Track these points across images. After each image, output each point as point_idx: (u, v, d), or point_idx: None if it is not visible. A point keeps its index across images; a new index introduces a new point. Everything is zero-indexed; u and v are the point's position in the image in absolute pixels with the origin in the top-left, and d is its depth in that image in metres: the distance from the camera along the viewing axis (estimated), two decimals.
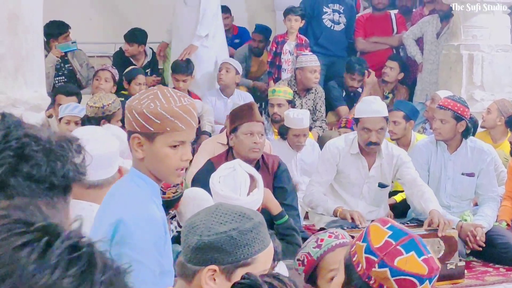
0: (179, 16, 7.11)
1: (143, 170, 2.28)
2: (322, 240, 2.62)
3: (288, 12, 7.30)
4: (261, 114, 6.27)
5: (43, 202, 1.25)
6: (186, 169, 4.80)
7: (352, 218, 4.53)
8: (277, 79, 7.26)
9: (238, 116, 4.37)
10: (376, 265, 1.82)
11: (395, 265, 1.81)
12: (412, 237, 1.88)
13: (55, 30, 7.07)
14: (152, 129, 2.21)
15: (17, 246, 0.94)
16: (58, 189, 1.31)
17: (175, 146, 2.23)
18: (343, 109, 7.10)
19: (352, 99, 7.16)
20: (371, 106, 4.76)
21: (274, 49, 7.31)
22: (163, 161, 2.24)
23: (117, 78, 6.66)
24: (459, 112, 4.92)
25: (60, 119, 5.34)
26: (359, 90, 7.19)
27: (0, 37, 3.67)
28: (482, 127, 5.97)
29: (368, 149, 4.77)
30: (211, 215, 1.91)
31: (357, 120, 4.82)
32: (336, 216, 4.66)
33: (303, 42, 7.30)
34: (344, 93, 7.21)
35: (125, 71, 6.81)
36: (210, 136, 6.18)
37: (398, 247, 1.84)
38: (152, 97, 2.23)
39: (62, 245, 0.96)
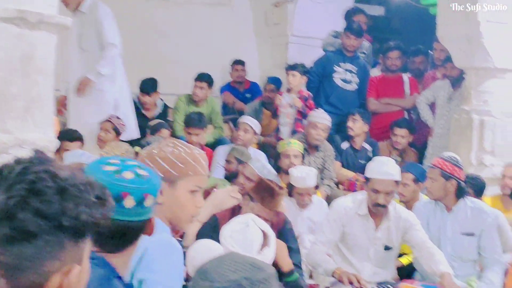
0: (74, 62, 6.87)
1: (160, 216, 2.33)
2: None
3: (288, 68, 7.42)
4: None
5: (52, 241, 1.26)
6: None
7: (350, 282, 4.40)
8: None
9: (260, 198, 4.16)
10: None
11: None
12: None
13: None
14: (176, 173, 2.32)
15: None
16: (68, 230, 1.28)
17: (193, 192, 2.35)
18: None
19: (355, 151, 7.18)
20: (383, 167, 4.68)
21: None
22: (183, 206, 2.35)
23: (121, 128, 6.68)
24: (447, 170, 4.90)
25: None
26: (366, 147, 7.20)
27: (12, 78, 3.68)
28: (505, 194, 6.00)
29: (375, 209, 4.72)
30: (224, 262, 1.89)
31: (368, 179, 4.77)
32: (334, 277, 4.55)
33: (306, 95, 7.36)
34: (349, 145, 7.22)
35: (151, 125, 6.92)
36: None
37: None
38: (172, 145, 2.39)
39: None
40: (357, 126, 7.13)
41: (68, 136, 6.06)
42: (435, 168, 4.95)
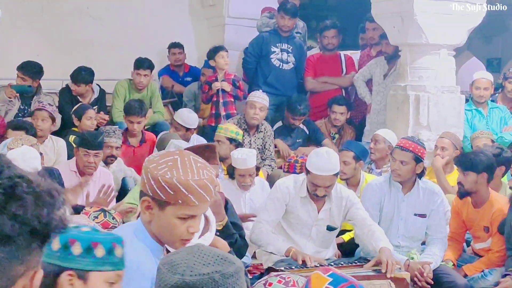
0: None
1: (148, 229, 2.29)
2: (270, 284, 2.57)
3: (219, 49, 7.37)
4: None
5: (22, 245, 1.26)
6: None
7: (303, 261, 4.46)
8: (216, 115, 7.30)
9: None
10: None
11: None
12: (352, 283, 1.89)
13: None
14: (164, 197, 2.19)
15: None
16: (38, 236, 1.29)
17: (184, 218, 2.23)
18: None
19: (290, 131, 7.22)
20: (323, 163, 4.58)
21: (206, 90, 7.38)
22: (170, 230, 2.24)
23: (56, 115, 6.54)
24: (419, 154, 4.97)
25: None
26: (302, 127, 7.27)
27: None
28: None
29: (313, 197, 4.77)
30: (193, 255, 1.88)
31: (308, 170, 4.68)
32: (287, 256, 4.60)
33: (233, 76, 7.38)
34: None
35: (73, 110, 6.73)
36: None
37: None
38: (170, 164, 2.20)
39: None
40: (297, 123, 7.19)
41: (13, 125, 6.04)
42: (408, 151, 4.94)
